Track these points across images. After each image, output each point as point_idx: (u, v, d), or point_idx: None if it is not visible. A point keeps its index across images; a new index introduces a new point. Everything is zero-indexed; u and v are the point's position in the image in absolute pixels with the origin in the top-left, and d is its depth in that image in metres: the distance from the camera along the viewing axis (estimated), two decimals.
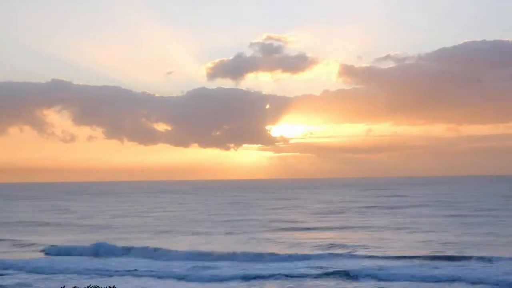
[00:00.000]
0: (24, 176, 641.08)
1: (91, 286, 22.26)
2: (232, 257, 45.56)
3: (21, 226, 76.56)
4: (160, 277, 38.84)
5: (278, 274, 38.17)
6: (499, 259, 41.62)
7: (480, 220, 73.16)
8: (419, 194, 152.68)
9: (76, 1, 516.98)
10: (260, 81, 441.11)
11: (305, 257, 44.67)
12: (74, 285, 27.78)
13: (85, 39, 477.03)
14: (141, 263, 43.98)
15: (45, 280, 37.89)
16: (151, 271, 40.72)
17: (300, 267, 40.79)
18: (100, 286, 22.39)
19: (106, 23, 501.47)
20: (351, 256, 45.16)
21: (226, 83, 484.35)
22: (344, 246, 50.63)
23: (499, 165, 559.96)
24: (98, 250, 49.56)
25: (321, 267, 40.44)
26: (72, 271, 40.71)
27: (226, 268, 41.52)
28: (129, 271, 41.06)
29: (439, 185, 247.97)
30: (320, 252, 47.59)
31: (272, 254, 46.53)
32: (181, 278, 38.73)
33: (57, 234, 65.73)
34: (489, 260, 41.50)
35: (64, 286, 28.65)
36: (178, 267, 42.40)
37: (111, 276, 39.34)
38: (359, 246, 50.43)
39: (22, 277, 38.95)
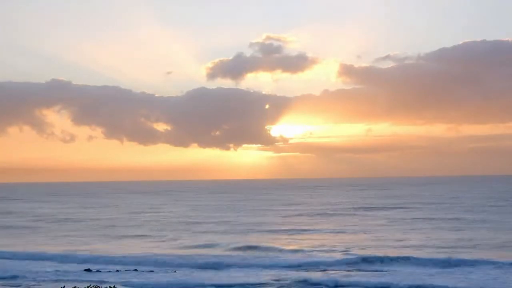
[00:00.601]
0: (23, 176, 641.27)
1: (91, 286, 22.51)
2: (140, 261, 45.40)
3: None
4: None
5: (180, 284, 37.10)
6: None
7: (463, 222, 72.76)
8: (410, 195, 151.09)
9: (76, 1, 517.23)
10: (260, 81, 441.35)
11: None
12: (74, 285, 28.01)
13: (85, 39, 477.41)
14: None
15: None
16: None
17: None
18: (100, 286, 22.63)
19: (106, 23, 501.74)
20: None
21: (226, 83, 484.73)
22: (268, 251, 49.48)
23: (499, 165, 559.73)
24: None
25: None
26: None
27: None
28: (129, 271, 41.40)
29: (437, 185, 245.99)
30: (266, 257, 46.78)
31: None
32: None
33: None
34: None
35: (64, 286, 28.86)
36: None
37: None
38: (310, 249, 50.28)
39: None
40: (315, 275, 38.09)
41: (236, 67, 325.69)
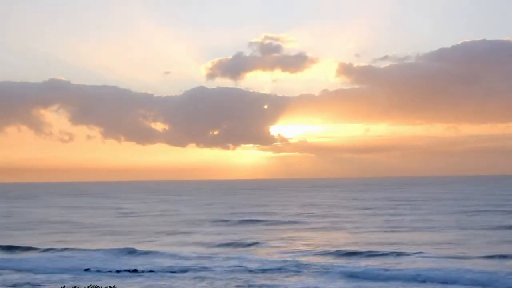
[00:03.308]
0: (21, 176, 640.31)
1: (91, 286, 21.60)
2: None
3: None
4: None
5: None
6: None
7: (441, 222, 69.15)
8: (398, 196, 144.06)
9: (75, 0, 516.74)
10: (259, 81, 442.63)
11: None
12: (74, 285, 27.03)
13: (83, 39, 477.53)
14: None
15: None
16: None
17: None
18: (100, 286, 21.74)
19: (105, 22, 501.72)
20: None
21: (225, 83, 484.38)
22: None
23: (499, 165, 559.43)
24: None
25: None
26: None
27: None
28: (129, 270, 40.45)
29: (432, 185, 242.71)
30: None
31: None
32: None
33: None
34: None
35: (64, 286, 27.89)
36: None
37: None
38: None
39: None
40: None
41: (235, 66, 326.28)
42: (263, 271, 38.46)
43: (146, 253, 47.56)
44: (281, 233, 62.00)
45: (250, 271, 38.59)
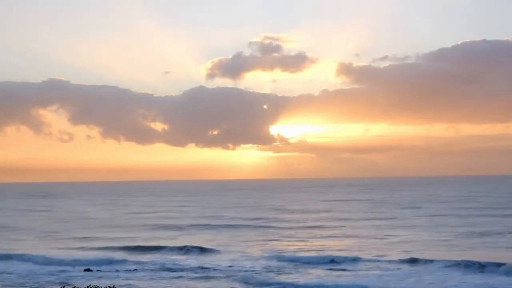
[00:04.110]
0: (21, 176, 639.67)
1: (91, 286, 21.39)
2: None
3: None
4: None
5: None
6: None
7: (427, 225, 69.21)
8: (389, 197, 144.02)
9: (75, 0, 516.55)
10: (258, 81, 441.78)
11: None
12: (74, 285, 26.82)
13: (83, 39, 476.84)
14: None
15: None
16: None
17: None
18: (100, 286, 21.55)
19: (105, 22, 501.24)
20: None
21: (225, 83, 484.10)
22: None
23: (499, 165, 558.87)
24: None
25: None
26: None
27: None
28: (129, 271, 40.26)
29: (430, 186, 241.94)
30: None
31: None
32: None
33: None
34: None
35: (63, 286, 27.68)
36: None
37: None
38: None
39: None
40: None
41: (235, 66, 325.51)
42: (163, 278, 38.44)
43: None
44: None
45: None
